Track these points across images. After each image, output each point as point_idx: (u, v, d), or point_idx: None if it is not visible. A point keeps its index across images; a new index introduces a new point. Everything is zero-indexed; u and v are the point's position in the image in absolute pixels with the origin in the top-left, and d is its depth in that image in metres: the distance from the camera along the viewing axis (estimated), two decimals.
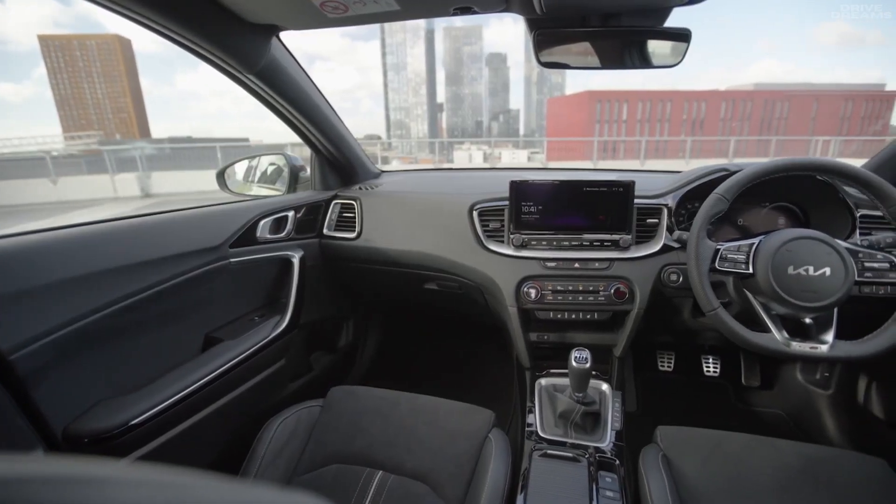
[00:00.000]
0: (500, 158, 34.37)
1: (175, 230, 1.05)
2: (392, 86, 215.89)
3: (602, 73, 1.47)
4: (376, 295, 1.82)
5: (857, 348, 0.91)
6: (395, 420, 1.08)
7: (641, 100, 66.70)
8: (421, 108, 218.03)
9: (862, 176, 0.94)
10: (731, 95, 70.98)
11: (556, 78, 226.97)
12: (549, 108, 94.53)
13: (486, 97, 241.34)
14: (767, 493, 0.88)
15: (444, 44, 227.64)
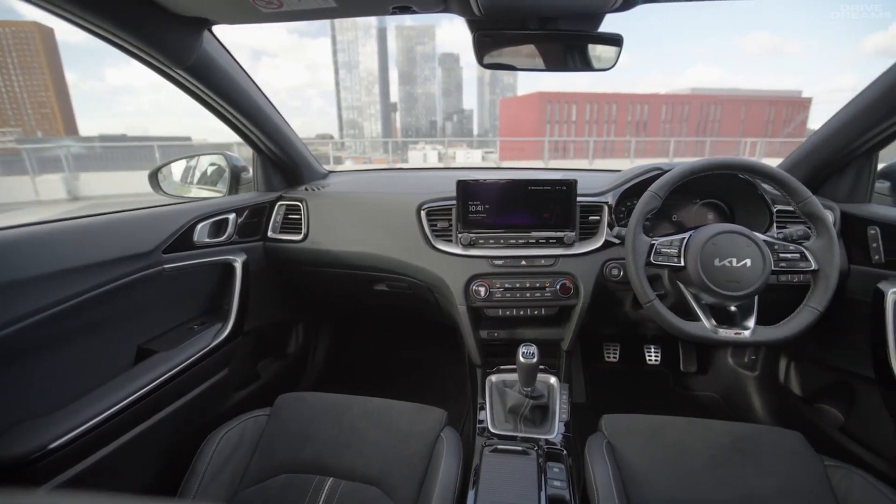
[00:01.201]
0: (454, 158, 34.62)
1: (101, 235, 0.97)
2: (344, 84, 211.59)
3: (551, 75, 1.51)
4: (326, 298, 1.77)
5: (774, 332, 0.99)
6: (346, 424, 1.06)
7: (589, 101, 69.30)
8: (374, 107, 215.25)
9: (776, 174, 1.02)
10: (670, 99, 75.28)
11: (507, 79, 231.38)
12: (502, 108, 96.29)
13: (440, 97, 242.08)
14: (701, 470, 0.94)
15: (397, 43, 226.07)
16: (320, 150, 21.54)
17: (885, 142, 1.14)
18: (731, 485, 0.91)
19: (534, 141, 37.84)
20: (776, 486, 0.91)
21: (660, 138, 56.76)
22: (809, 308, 0.98)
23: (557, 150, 34.89)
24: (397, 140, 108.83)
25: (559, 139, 48.79)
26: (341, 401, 1.13)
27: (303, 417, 1.08)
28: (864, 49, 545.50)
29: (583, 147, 30.89)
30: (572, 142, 33.34)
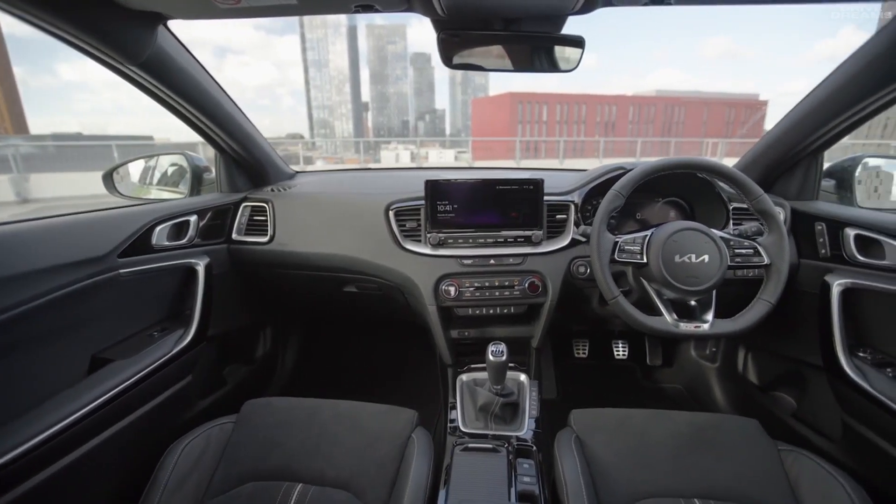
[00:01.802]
0: (427, 158, 34.51)
1: (51, 239, 0.93)
2: (314, 83, 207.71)
3: (523, 76, 1.55)
4: (294, 301, 1.74)
5: (731, 325, 1.03)
6: (316, 429, 1.04)
7: (559, 102, 70.48)
8: (345, 106, 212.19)
9: (730, 173, 1.07)
10: (637, 101, 77.49)
11: (479, 79, 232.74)
12: (474, 108, 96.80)
13: (412, 97, 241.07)
14: (664, 460, 0.97)
15: (368, 41, 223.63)
16: (291, 150, 21.08)
17: (828, 143, 1.20)
18: (692, 473, 0.95)
19: (506, 141, 38.25)
20: (734, 472, 0.95)
21: (627, 139, 58.33)
22: (763, 301, 1.03)
23: (529, 149, 35.37)
24: (369, 140, 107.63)
25: (531, 139, 49.48)
26: (310, 405, 1.11)
27: (270, 423, 1.05)
28: (814, 54, 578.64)
29: (554, 147, 31.44)
30: (543, 142, 33.89)
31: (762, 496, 0.90)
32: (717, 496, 0.91)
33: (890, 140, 16.87)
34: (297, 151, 19.17)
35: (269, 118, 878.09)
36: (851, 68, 1.01)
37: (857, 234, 1.11)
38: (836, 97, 1.07)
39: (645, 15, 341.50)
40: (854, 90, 1.02)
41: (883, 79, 0.96)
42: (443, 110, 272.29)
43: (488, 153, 30.05)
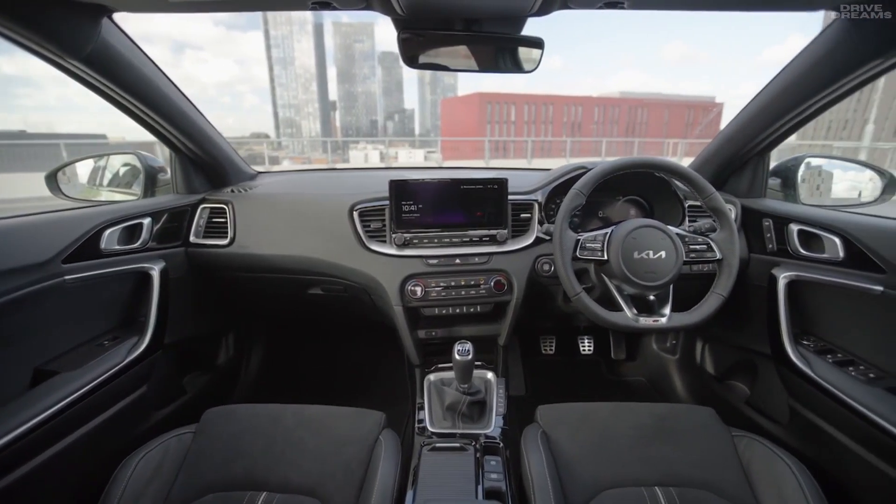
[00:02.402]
0: (396, 158, 34.34)
1: None
2: (279, 81, 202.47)
3: (491, 77, 1.56)
4: (257, 305, 1.69)
5: (687, 318, 1.07)
6: (280, 435, 1.02)
7: (527, 103, 71.54)
8: (312, 105, 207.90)
9: (683, 172, 1.11)
10: (602, 102, 79.50)
11: (448, 79, 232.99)
12: (443, 108, 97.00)
13: (381, 96, 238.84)
14: (626, 450, 1.01)
15: (335, 40, 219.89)
16: (256, 150, 20.48)
17: (773, 143, 1.27)
18: (652, 462, 0.98)
19: (475, 141, 38.51)
20: (691, 459, 0.99)
21: (593, 139, 59.84)
22: (716, 294, 1.07)
23: (498, 149, 35.74)
24: (337, 140, 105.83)
25: (499, 139, 49.98)
26: (274, 411, 1.08)
27: (232, 432, 1.02)
28: (764, 59, 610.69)
29: (522, 147, 31.90)
30: (512, 142, 34.36)
31: (717, 481, 0.95)
32: (675, 483, 0.94)
33: (833, 141, 18.06)
34: (262, 151, 18.66)
35: (232, 117, 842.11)
36: (792, 73, 1.07)
37: (799, 230, 1.18)
38: (778, 101, 1.13)
39: (607, 18, 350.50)
40: (794, 94, 1.08)
41: (819, 83, 1.02)
42: (412, 110, 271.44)
43: (458, 153, 30.19)
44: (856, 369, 1.02)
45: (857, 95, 16.11)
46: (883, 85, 55.74)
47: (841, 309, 1.10)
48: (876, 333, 1.02)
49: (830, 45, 0.94)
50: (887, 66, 0.90)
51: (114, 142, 17.99)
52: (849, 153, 21.73)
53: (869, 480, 0.93)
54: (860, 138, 37.86)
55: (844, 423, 0.98)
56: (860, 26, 0.86)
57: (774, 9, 0.85)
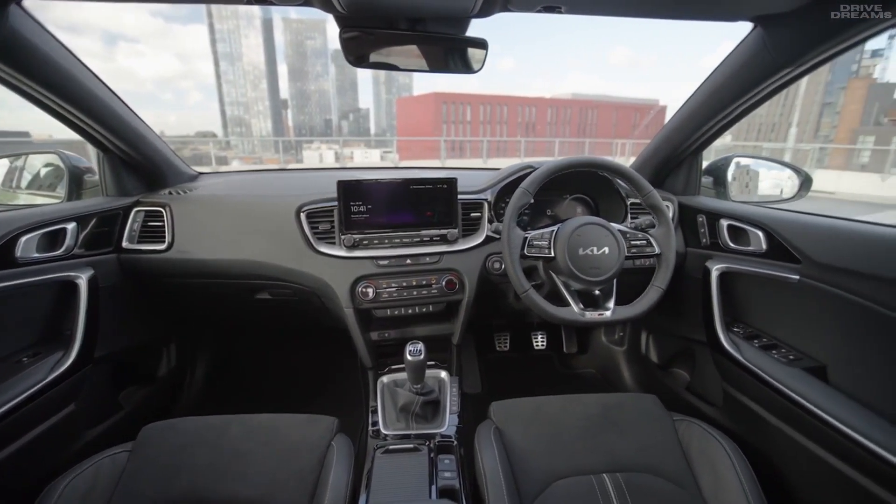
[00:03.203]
0: (352, 158, 33.76)
1: None
2: (226, 77, 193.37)
3: (445, 77, 1.56)
4: (201, 312, 1.61)
5: (630, 311, 1.12)
6: (226, 447, 0.97)
7: (482, 103, 72.34)
8: (262, 103, 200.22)
9: (623, 171, 1.16)
10: (554, 103, 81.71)
11: (403, 79, 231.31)
12: (399, 107, 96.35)
13: (335, 95, 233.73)
14: (576, 440, 1.04)
15: (285, 36, 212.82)
16: (202, 150, 19.48)
17: (704, 144, 1.36)
18: (600, 450, 1.02)
19: (432, 140, 38.53)
20: (636, 445, 1.04)
21: (547, 139, 61.48)
22: (655, 287, 1.13)
23: (455, 149, 35.97)
24: (290, 139, 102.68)
25: (455, 139, 50.29)
26: (219, 422, 1.03)
27: (173, 447, 0.97)
28: (702, 65, 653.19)
29: (478, 146, 32.27)
30: (468, 141, 34.66)
31: (660, 464, 1.00)
32: (622, 469, 0.99)
33: (763, 142, 19.63)
34: (208, 151, 17.78)
35: (174, 114, 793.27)
36: (716, 80, 1.14)
37: (728, 224, 1.27)
38: (706, 105, 1.21)
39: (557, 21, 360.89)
40: (719, 99, 1.16)
41: (739, 89, 1.10)
42: (367, 109, 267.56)
43: (414, 153, 30.12)
44: (778, 352, 1.10)
45: (782, 100, 17.60)
46: (804, 91, 60.97)
47: (765, 297, 1.19)
48: (794, 318, 1.11)
49: (747, 55, 1.02)
50: (796, 74, 0.98)
51: (39, 140, 16.56)
52: (776, 153, 23.57)
53: (791, 452, 1.01)
54: (786, 140, 41.22)
55: (769, 402, 1.06)
56: (772, 38, 0.94)
57: (697, 18, 0.91)
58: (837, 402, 0.92)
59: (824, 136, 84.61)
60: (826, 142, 67.46)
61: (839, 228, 1.01)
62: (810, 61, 0.93)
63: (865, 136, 61.49)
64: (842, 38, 0.84)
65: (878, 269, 0.88)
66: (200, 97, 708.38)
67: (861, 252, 0.93)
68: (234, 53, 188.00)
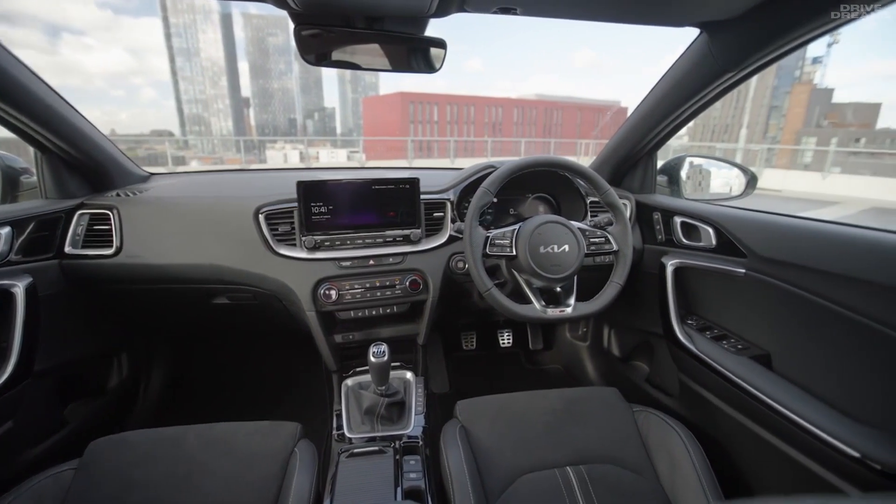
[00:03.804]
0: (318, 158, 33.11)
1: None
2: (183, 74, 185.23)
3: (411, 76, 1.54)
4: (154, 319, 1.54)
5: (590, 306, 1.15)
6: (183, 459, 0.94)
7: (449, 103, 72.59)
8: (223, 101, 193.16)
9: (581, 170, 1.19)
10: (520, 103, 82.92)
11: (369, 78, 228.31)
12: (365, 107, 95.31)
13: (299, 93, 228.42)
14: (540, 435, 1.06)
15: (246, 32, 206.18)
16: (158, 150, 18.63)
17: (658, 144, 1.41)
18: (563, 444, 1.05)
19: (400, 140, 38.34)
20: (598, 437, 1.07)
21: (513, 139, 62.35)
22: (614, 283, 1.17)
23: (422, 149, 35.95)
24: (253, 138, 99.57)
25: (423, 139, 50.23)
26: (175, 434, 0.99)
27: (124, 462, 0.92)
28: (660, 67, 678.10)
29: (445, 146, 32.35)
30: (436, 141, 34.69)
31: (621, 454, 1.03)
32: (585, 461, 1.01)
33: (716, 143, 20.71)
34: (164, 150, 16.99)
35: (126, 111, 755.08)
36: (667, 83, 1.19)
37: (682, 221, 1.32)
38: (658, 107, 1.25)
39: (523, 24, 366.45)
40: (670, 101, 1.21)
41: (688, 92, 1.15)
42: (332, 108, 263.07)
43: (382, 152, 29.87)
44: (728, 342, 1.16)
45: (734, 103, 18.51)
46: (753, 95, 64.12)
47: (716, 290, 1.25)
48: (741, 310, 1.17)
49: (694, 59, 1.07)
50: (739, 79, 1.04)
51: None
52: (729, 153, 24.83)
53: (741, 437, 1.07)
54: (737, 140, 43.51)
55: (720, 391, 1.11)
56: (716, 43, 0.98)
57: (646, 23, 0.95)
58: (781, 388, 0.97)
59: (772, 137, 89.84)
60: (773, 142, 71.66)
61: (780, 224, 1.07)
62: (751, 66, 0.98)
63: (808, 138, 65.77)
64: (780, 43, 0.89)
65: (815, 262, 0.94)
66: (155, 94, 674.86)
67: (800, 246, 0.99)
68: (192, 49, 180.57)
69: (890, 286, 0.80)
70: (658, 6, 0.88)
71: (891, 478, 0.75)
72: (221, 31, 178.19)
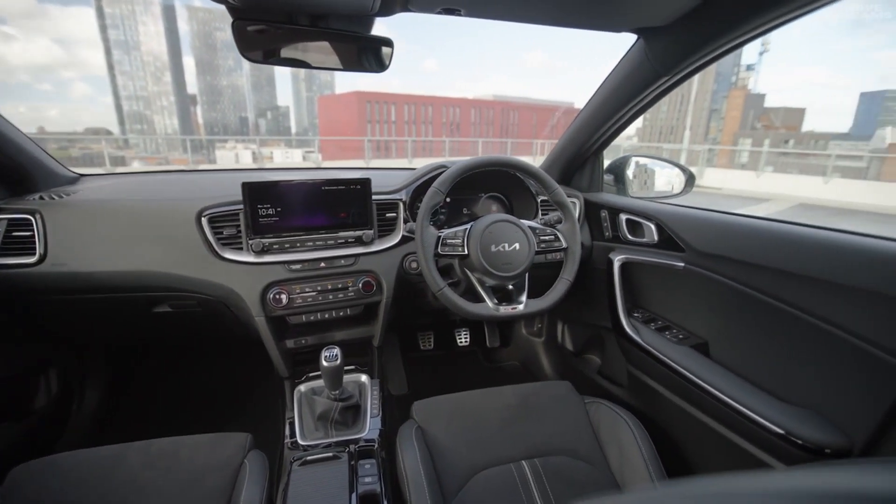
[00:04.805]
0: (272, 158, 32.04)
1: None
2: (121, 68, 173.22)
3: (367, 75, 1.53)
4: (87, 331, 1.44)
5: (541, 303, 1.18)
6: (120, 481, 0.88)
7: (407, 103, 72.24)
8: (167, 98, 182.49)
9: (530, 169, 1.21)
10: (478, 104, 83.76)
11: (325, 77, 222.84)
12: (321, 106, 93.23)
13: (250, 91, 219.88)
14: (494, 431, 1.07)
15: (191, 26, 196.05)
16: (94, 149, 17.43)
17: (603, 145, 1.46)
18: (518, 439, 1.07)
19: (357, 140, 37.76)
20: (552, 430, 1.09)
21: (471, 139, 62.94)
22: (564, 280, 1.20)
23: (380, 149, 35.56)
24: (201, 138, 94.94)
25: (380, 139, 49.69)
26: (112, 453, 0.93)
27: (52, 488, 0.85)
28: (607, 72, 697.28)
29: (403, 146, 32.21)
30: (394, 141, 34.43)
31: (574, 445, 1.06)
32: (539, 454, 1.04)
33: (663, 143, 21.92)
34: (101, 150, 15.85)
35: (55, 108, 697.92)
36: (609, 86, 1.24)
37: (627, 218, 1.38)
38: (602, 109, 1.30)
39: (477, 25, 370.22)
40: (612, 103, 1.26)
41: (627, 95, 1.20)
42: (287, 107, 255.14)
43: (339, 152, 29.32)
44: (670, 333, 1.22)
45: (678, 106, 19.60)
46: (694, 98, 67.89)
47: (658, 283, 1.32)
48: (681, 301, 1.24)
49: (632, 64, 1.12)
50: (674, 82, 1.09)
51: None
52: (674, 154, 26.23)
53: (684, 422, 1.13)
54: (682, 141, 46.16)
55: (664, 379, 1.17)
56: (652, 48, 1.03)
57: (586, 28, 0.98)
58: (717, 374, 1.04)
59: (713, 138, 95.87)
60: (714, 143, 76.44)
61: (713, 220, 1.14)
62: (684, 70, 1.04)
63: (744, 139, 70.72)
64: (710, 49, 0.95)
65: (745, 256, 1.01)
66: (89, 89, 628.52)
67: (731, 241, 1.06)
68: (131, 42, 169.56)
69: (811, 277, 0.87)
70: (596, 12, 0.91)
71: (811, 451, 0.81)
72: (164, 24, 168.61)
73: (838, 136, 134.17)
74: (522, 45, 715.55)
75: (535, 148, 24.09)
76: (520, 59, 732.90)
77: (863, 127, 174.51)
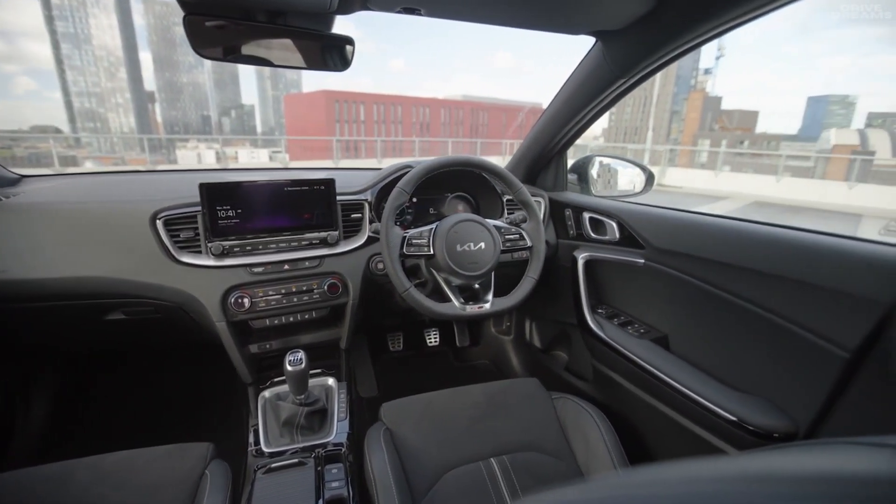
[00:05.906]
0: (236, 158, 31.06)
1: None
2: (71, 63, 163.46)
3: (334, 74, 1.50)
4: (33, 342, 1.35)
5: (507, 301, 1.19)
6: (69, 500, 0.83)
7: (376, 102, 71.54)
8: (122, 95, 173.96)
9: (494, 169, 1.23)
10: (447, 104, 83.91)
11: (291, 75, 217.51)
12: (287, 105, 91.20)
13: (212, 89, 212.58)
14: (463, 430, 1.08)
15: (147, 19, 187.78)
16: (41, 148, 16.46)
17: (566, 145, 1.49)
18: (487, 436, 1.07)
19: (326, 140, 37.13)
20: (520, 427, 1.11)
21: (441, 139, 62.99)
22: (529, 278, 1.22)
23: (350, 149, 35.09)
24: (160, 137, 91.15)
25: (349, 139, 49.05)
26: (60, 471, 0.88)
27: None
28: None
29: (373, 146, 31.93)
30: (363, 141, 34.04)
31: (542, 440, 1.08)
32: (507, 451, 1.05)
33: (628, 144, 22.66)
34: (49, 149, 14.94)
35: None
36: (570, 87, 1.26)
37: (590, 217, 1.41)
38: (563, 110, 1.33)
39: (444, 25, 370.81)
40: (573, 104, 1.29)
41: (587, 96, 1.23)
42: (252, 106, 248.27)
43: (307, 152, 28.75)
44: (632, 327, 1.26)
45: (642, 107, 20.28)
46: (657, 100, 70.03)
47: (620, 280, 1.36)
48: (642, 297, 1.28)
49: (591, 66, 1.15)
50: (631, 84, 1.13)
51: None
52: (638, 154, 27.10)
53: (647, 414, 1.16)
54: (645, 142, 47.80)
55: (627, 372, 1.21)
56: (609, 51, 1.06)
57: (545, 30, 1.00)
58: (676, 367, 1.08)
59: (674, 139, 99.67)
60: (675, 144, 79.44)
61: (671, 218, 1.18)
62: (641, 72, 1.07)
63: (703, 140, 73.86)
64: (665, 52, 0.98)
65: (700, 252, 1.05)
66: (34, 85, 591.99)
67: (687, 237, 1.10)
68: (81, 35, 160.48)
69: (758, 271, 0.91)
70: (553, 15, 0.93)
71: (760, 436, 0.86)
72: (117, 17, 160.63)
73: (788, 138, 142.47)
74: (491, 45, 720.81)
75: (504, 147, 24.34)
76: (489, 60, 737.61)
77: (810, 129, 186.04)
